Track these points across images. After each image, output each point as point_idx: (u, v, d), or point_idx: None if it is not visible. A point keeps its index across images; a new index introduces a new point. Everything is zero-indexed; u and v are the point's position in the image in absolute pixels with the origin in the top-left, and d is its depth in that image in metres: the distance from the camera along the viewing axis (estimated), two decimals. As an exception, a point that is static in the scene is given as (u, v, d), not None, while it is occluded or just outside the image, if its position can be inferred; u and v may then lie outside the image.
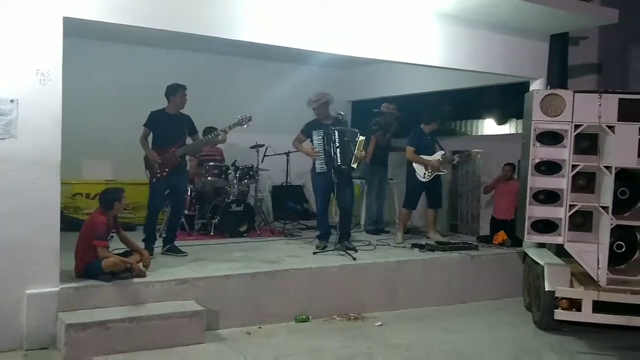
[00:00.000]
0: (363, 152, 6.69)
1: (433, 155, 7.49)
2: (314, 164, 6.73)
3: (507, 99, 13.71)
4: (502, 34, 6.75)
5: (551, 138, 5.37)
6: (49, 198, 4.56)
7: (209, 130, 6.67)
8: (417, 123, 7.81)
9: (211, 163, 7.75)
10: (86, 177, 8.39)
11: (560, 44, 7.21)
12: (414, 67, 8.64)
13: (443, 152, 7.52)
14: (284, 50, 8.39)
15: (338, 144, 6.45)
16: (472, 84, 8.50)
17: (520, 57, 6.99)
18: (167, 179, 6.03)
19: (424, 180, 7.44)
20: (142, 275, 5.03)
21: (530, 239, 5.57)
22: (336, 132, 6.47)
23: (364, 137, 6.65)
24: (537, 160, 5.40)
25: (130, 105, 7.58)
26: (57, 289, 4.59)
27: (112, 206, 5.01)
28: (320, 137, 6.56)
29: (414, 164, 7.50)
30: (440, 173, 7.49)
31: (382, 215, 8.32)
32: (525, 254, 6.71)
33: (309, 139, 6.78)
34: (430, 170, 7.41)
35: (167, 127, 6.06)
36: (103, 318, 4.52)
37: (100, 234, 4.87)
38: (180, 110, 6.14)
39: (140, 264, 5.13)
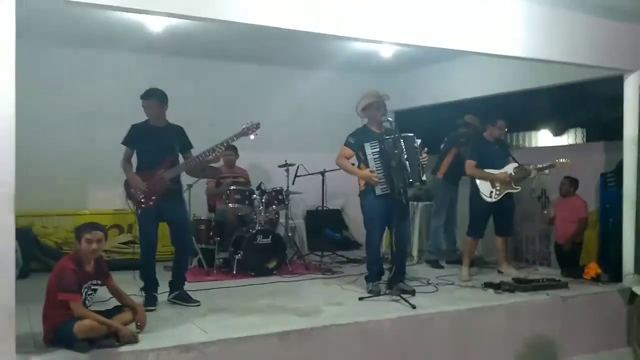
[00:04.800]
0: (426, 158, 5.32)
1: (502, 169, 6.02)
2: (365, 185, 5.30)
3: (566, 105, 12.29)
4: (590, 15, 5.36)
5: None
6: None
7: None
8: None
9: (233, 187, 6.48)
10: (92, 207, 7.24)
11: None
12: (463, 69, 7.52)
13: (516, 164, 6.03)
14: (320, 55, 7.42)
15: (407, 155, 5.07)
16: (531, 85, 7.18)
17: (613, 44, 5.54)
18: (156, 208, 4.79)
19: (490, 200, 5.97)
20: (132, 340, 3.73)
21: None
22: (401, 140, 5.09)
23: (420, 140, 5.29)
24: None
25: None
26: (12, 366, 3.35)
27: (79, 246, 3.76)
28: (377, 149, 5.17)
29: (477, 182, 6.06)
30: (512, 191, 6.01)
31: (454, 242, 6.98)
32: (634, 295, 5.23)
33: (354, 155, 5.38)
34: (498, 188, 5.96)
35: (151, 144, 4.83)
36: (72, 408, 3.25)
37: (67, 284, 3.60)
38: (170, 121, 4.95)
39: (132, 325, 3.87)
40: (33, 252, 6.31)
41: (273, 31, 4.32)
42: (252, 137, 4.91)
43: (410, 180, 5.05)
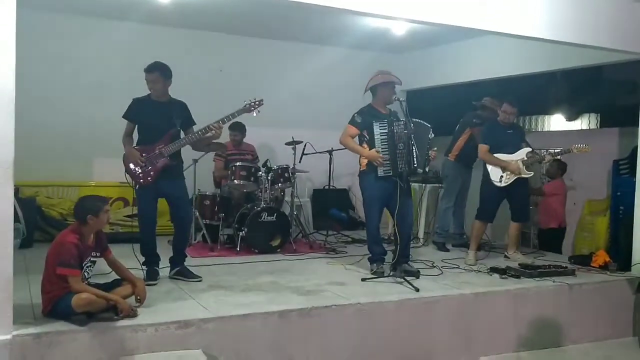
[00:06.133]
0: (434, 156, 5.23)
1: (515, 154, 5.90)
2: (367, 165, 5.23)
3: (580, 89, 12.05)
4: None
5: None
6: (-3, 211, 3.29)
7: None
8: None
9: (238, 163, 6.41)
10: (97, 179, 7.21)
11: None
12: (476, 50, 7.37)
13: (530, 149, 5.90)
14: (331, 32, 7.27)
15: (414, 141, 4.95)
16: (545, 67, 7.03)
17: (633, 27, 5.36)
18: (154, 184, 4.72)
19: (500, 184, 5.86)
20: (131, 314, 3.69)
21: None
22: (412, 124, 4.96)
23: (433, 135, 5.21)
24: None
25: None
26: (8, 336, 3.30)
27: (84, 221, 3.69)
28: (385, 130, 5.06)
29: (487, 166, 5.95)
30: (525, 176, 5.88)
31: (462, 225, 6.87)
32: (642, 284, 5.16)
33: (358, 135, 5.27)
34: (508, 173, 5.84)
35: (153, 118, 4.73)
36: (69, 380, 3.22)
37: (67, 259, 3.54)
38: (176, 96, 4.84)
39: (132, 299, 3.83)
40: (36, 223, 6.28)
41: (284, 5, 4.19)
42: (254, 114, 4.78)
43: (415, 165, 4.95)
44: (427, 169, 5.24)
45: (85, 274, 3.74)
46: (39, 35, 6.59)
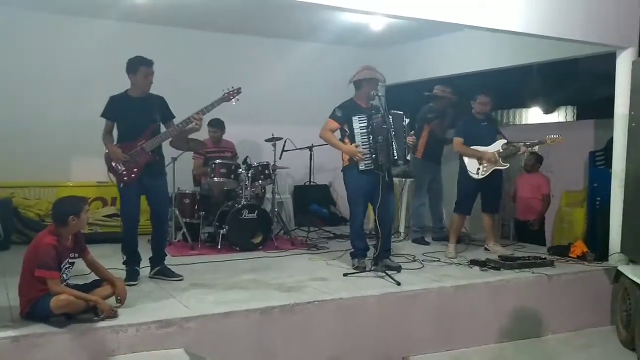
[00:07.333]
0: (413, 139, 5.23)
1: (491, 146, 5.96)
2: (349, 160, 5.23)
3: (556, 82, 12.18)
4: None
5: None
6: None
7: None
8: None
9: (218, 161, 6.37)
10: (75, 179, 7.12)
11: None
12: (454, 45, 7.42)
13: (505, 141, 5.97)
14: (309, 27, 7.25)
15: (394, 133, 4.97)
16: (522, 61, 7.09)
17: (606, 20, 5.45)
18: (138, 181, 4.68)
19: (477, 177, 5.91)
20: (111, 315, 3.66)
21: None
22: (390, 116, 4.97)
23: (408, 120, 5.21)
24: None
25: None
26: (-14, 340, 3.27)
27: (65, 222, 3.64)
28: (365, 124, 5.06)
29: (464, 159, 6.00)
30: (500, 167, 5.94)
31: (441, 219, 6.93)
32: (619, 273, 5.23)
33: (338, 130, 5.28)
34: (485, 165, 5.89)
35: (132, 115, 4.67)
36: (48, 383, 3.18)
37: (46, 260, 3.49)
38: (150, 92, 4.78)
39: (112, 299, 3.80)
40: (13, 224, 6.19)
41: (263, 1, 4.17)
42: (233, 102, 4.78)
43: (395, 157, 4.95)
44: (408, 157, 5.23)
45: (64, 275, 3.70)
46: (15, 33, 6.51)
